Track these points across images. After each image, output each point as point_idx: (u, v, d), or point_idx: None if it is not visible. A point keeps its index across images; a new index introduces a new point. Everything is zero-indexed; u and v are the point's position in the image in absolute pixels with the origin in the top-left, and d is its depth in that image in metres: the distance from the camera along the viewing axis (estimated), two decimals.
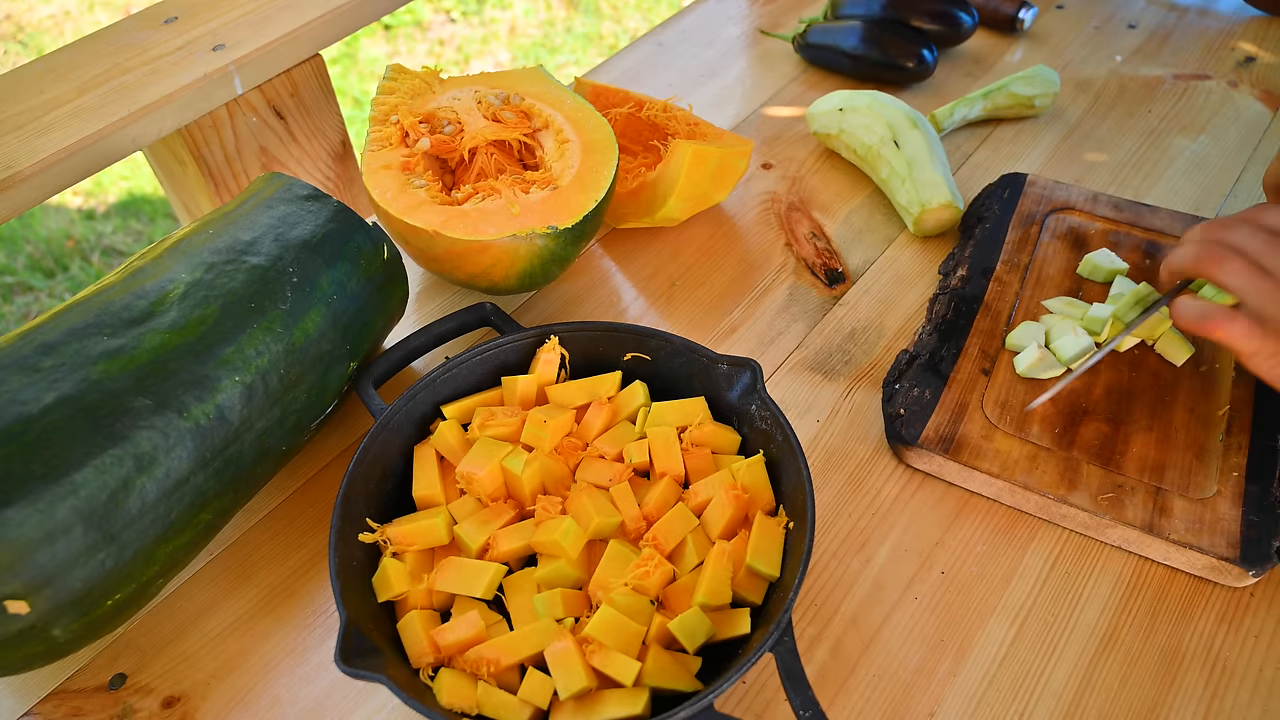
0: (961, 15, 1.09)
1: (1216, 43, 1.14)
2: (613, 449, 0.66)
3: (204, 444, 0.58)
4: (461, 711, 0.54)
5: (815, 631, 0.62)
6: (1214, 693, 0.59)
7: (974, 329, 0.76)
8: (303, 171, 1.00)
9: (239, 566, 0.67)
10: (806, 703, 0.51)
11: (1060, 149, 0.99)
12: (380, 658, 0.54)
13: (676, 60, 1.15)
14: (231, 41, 0.88)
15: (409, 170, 0.78)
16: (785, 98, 1.08)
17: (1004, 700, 0.59)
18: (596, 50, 2.78)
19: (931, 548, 0.66)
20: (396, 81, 0.86)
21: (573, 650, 0.55)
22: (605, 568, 0.60)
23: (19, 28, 2.72)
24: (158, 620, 0.64)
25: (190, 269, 0.63)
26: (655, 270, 0.88)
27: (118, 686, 0.61)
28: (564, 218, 0.73)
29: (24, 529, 0.50)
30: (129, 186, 2.29)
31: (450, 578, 0.60)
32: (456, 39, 2.78)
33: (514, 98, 0.85)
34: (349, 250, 0.70)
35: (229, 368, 0.60)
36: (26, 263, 2.07)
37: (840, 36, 1.08)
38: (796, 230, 0.91)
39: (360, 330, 0.70)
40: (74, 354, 0.56)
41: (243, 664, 0.62)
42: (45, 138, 0.77)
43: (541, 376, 0.70)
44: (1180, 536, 0.63)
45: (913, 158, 0.89)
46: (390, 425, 0.66)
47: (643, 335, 0.70)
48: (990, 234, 0.84)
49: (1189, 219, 0.84)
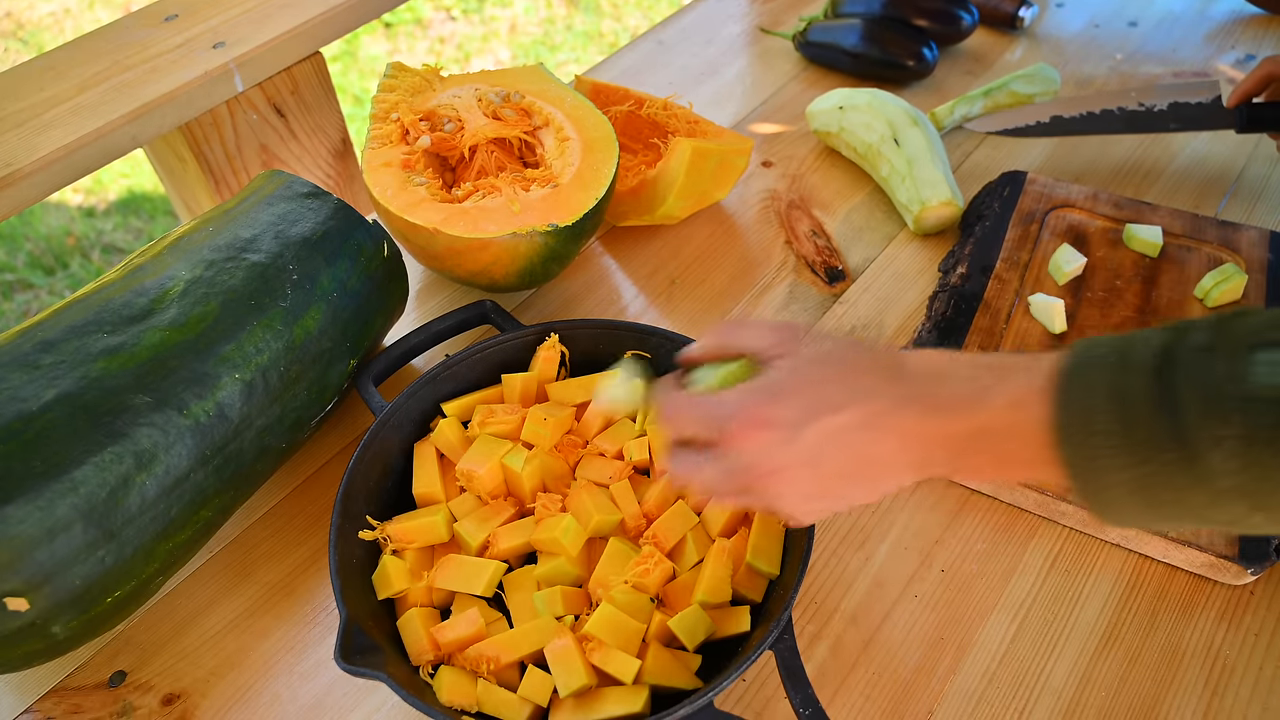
0: (962, 13, 1.09)
1: (1217, 41, 1.13)
2: (613, 446, 0.66)
3: (204, 441, 0.58)
4: (461, 709, 0.54)
5: (815, 629, 0.62)
6: (1214, 690, 0.59)
7: (973, 326, 0.76)
8: (303, 169, 0.99)
9: (239, 564, 0.67)
10: (806, 700, 0.51)
11: (1060, 147, 0.99)
12: (380, 655, 0.54)
13: (677, 58, 1.15)
14: (232, 39, 0.88)
15: (409, 168, 0.78)
16: (785, 96, 1.08)
17: (1004, 698, 0.59)
18: (597, 48, 2.78)
19: (931, 546, 0.66)
20: (397, 79, 0.86)
21: (573, 648, 0.55)
22: (605, 565, 0.60)
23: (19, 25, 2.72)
24: (157, 618, 0.64)
25: (190, 266, 0.63)
26: (655, 268, 0.88)
27: (117, 684, 0.61)
28: (564, 215, 0.73)
29: (24, 526, 0.50)
30: (129, 184, 2.29)
31: (450, 575, 0.60)
32: (457, 37, 2.78)
33: (514, 95, 0.85)
34: (349, 248, 0.70)
35: (229, 365, 0.60)
36: (27, 260, 2.06)
37: (840, 34, 1.08)
38: (797, 228, 0.91)
39: (360, 328, 0.70)
40: (74, 351, 0.56)
41: (242, 661, 0.62)
42: (45, 135, 0.77)
43: (542, 374, 0.70)
44: (1179, 534, 0.63)
45: (913, 156, 0.89)
46: (390, 423, 0.66)
47: (643, 333, 0.70)
48: (990, 232, 0.84)
49: (1189, 217, 0.84)
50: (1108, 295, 0.78)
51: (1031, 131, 0.97)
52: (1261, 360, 0.36)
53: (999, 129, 0.98)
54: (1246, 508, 0.38)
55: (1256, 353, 0.37)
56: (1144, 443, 0.39)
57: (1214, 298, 0.76)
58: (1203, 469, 0.37)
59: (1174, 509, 0.40)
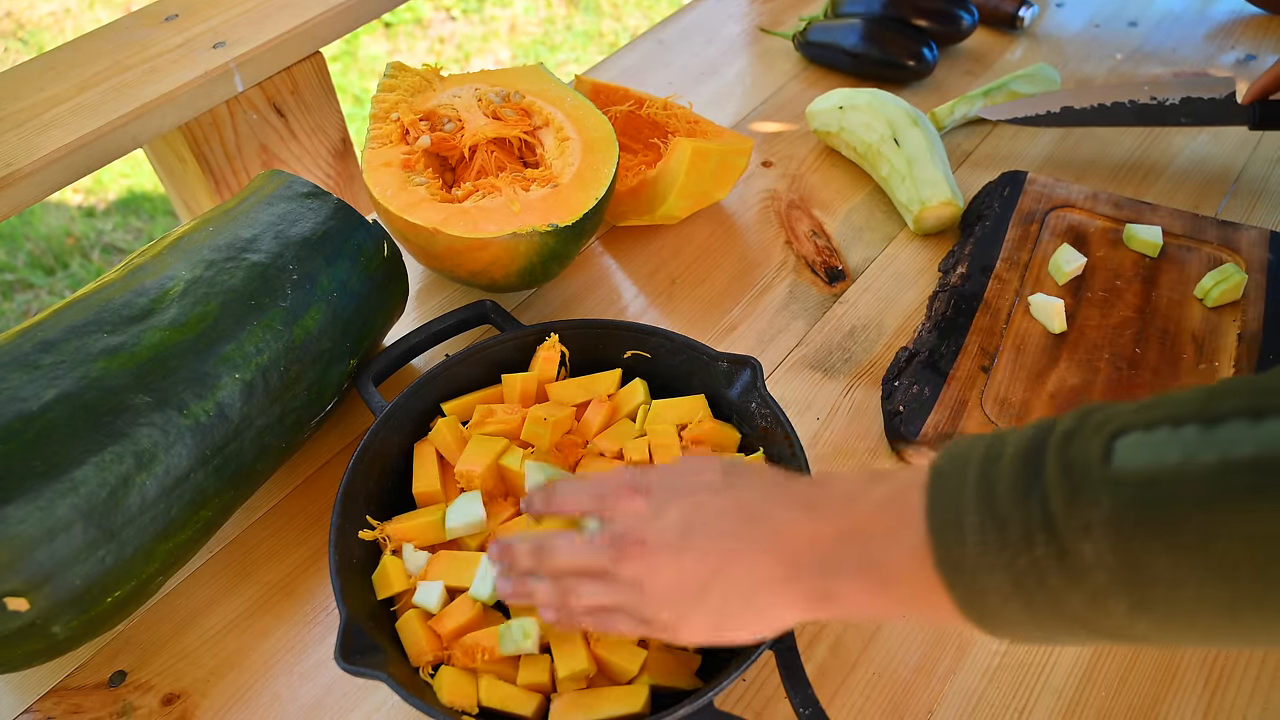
0: (962, 13, 1.09)
1: (1217, 41, 1.13)
2: (612, 446, 0.66)
3: (204, 441, 0.58)
4: (462, 710, 0.54)
5: (815, 629, 0.62)
6: (1214, 690, 0.59)
7: (974, 326, 0.76)
8: (303, 169, 0.99)
9: (239, 564, 0.67)
10: (806, 700, 0.51)
11: (1060, 147, 0.99)
12: (380, 655, 0.54)
13: (677, 58, 1.15)
14: (232, 39, 0.88)
15: (409, 168, 0.78)
16: (785, 96, 1.08)
17: (1004, 698, 0.59)
18: (597, 48, 2.78)
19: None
20: (397, 79, 0.86)
21: (576, 634, 0.55)
22: None
23: (19, 25, 2.72)
24: (157, 618, 0.64)
25: (190, 266, 0.63)
26: (655, 268, 0.88)
27: (117, 684, 0.61)
28: (564, 215, 0.73)
29: (24, 526, 0.50)
30: (129, 184, 2.29)
31: (445, 569, 0.60)
32: (457, 37, 2.78)
33: (514, 95, 0.85)
34: (349, 248, 0.70)
35: (229, 365, 0.60)
36: (27, 260, 2.06)
37: (840, 34, 1.08)
38: (796, 228, 0.91)
39: (360, 328, 0.70)
40: (74, 351, 0.56)
41: (242, 661, 0.62)
42: (45, 135, 0.77)
43: (541, 374, 0.70)
44: None
45: (913, 156, 0.89)
46: (390, 423, 0.66)
47: (643, 333, 0.70)
48: (990, 232, 0.84)
49: (1189, 217, 0.84)
50: (1108, 295, 0.78)
51: (1042, 121, 0.97)
52: (1126, 444, 0.35)
53: (1009, 117, 0.98)
54: (1127, 606, 0.35)
55: (1118, 439, 0.36)
56: (1014, 536, 0.37)
57: (1214, 298, 0.76)
58: (1075, 561, 0.36)
59: (1053, 614, 0.37)
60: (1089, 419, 0.38)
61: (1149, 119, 0.94)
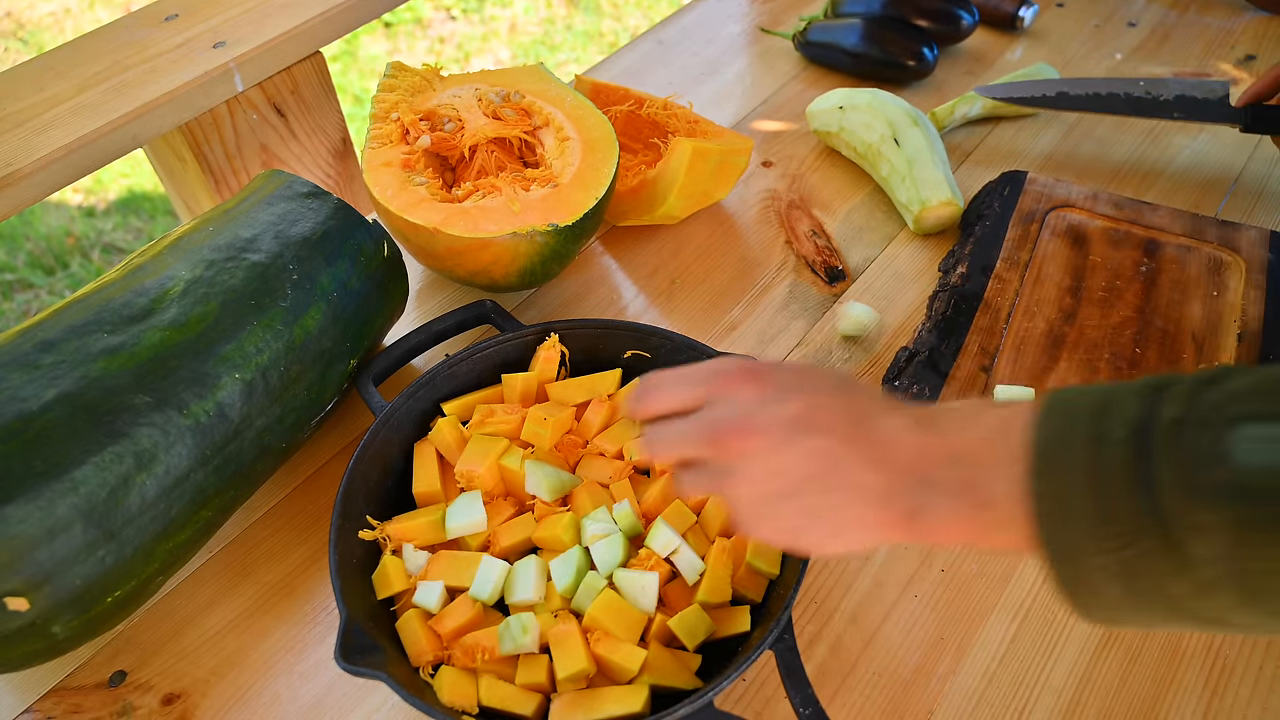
0: (962, 13, 1.09)
1: (1216, 41, 1.13)
2: (613, 446, 0.66)
3: (204, 441, 0.58)
4: (462, 710, 0.54)
5: (815, 629, 0.62)
6: (1214, 690, 0.59)
7: (974, 326, 0.76)
8: (303, 169, 0.99)
9: (239, 564, 0.67)
10: (806, 700, 0.51)
11: (1060, 147, 0.99)
12: (380, 655, 0.54)
13: (677, 58, 1.15)
14: (232, 39, 0.88)
15: (409, 168, 0.78)
16: (785, 96, 1.08)
17: (1004, 698, 0.59)
18: (597, 48, 2.78)
19: (931, 545, 0.66)
20: (397, 79, 0.86)
21: (575, 633, 0.55)
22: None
23: (19, 25, 2.72)
24: (157, 617, 0.64)
25: (190, 266, 0.63)
26: (655, 268, 0.88)
27: (117, 684, 0.61)
28: (564, 215, 0.73)
29: (24, 526, 0.50)
30: (129, 184, 2.28)
31: (445, 569, 0.60)
32: (457, 36, 2.78)
33: (514, 95, 0.85)
34: (349, 248, 0.70)
35: (229, 365, 0.60)
36: (27, 260, 2.06)
37: (840, 34, 1.08)
38: (797, 228, 0.91)
39: (360, 327, 0.70)
40: (74, 351, 0.56)
41: (242, 661, 0.62)
42: (45, 135, 0.77)
43: (542, 374, 0.70)
44: None
45: (913, 155, 0.89)
46: (390, 422, 0.66)
47: (643, 333, 0.70)
48: (990, 231, 0.84)
49: (1189, 217, 0.84)
50: (1108, 295, 0.78)
51: (1036, 103, 0.97)
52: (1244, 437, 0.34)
53: (1005, 96, 0.98)
54: (1236, 601, 0.35)
55: (1238, 427, 0.34)
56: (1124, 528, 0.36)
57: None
58: (1185, 555, 0.35)
59: (1155, 598, 0.37)
60: (1199, 401, 0.36)
61: (1143, 111, 0.94)
